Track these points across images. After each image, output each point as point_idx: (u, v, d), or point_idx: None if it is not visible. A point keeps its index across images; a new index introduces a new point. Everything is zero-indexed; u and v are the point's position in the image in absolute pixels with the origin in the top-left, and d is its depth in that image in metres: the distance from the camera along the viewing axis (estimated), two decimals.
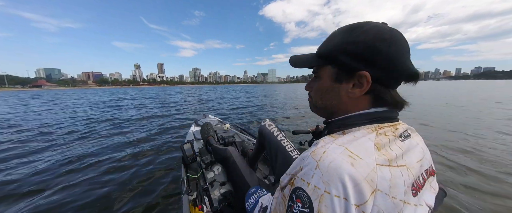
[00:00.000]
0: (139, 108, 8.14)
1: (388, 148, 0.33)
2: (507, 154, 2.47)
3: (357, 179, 0.27)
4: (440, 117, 4.88)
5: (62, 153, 2.70)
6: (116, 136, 3.63)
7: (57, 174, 2.06)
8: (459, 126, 3.93)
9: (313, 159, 0.31)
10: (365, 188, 0.28)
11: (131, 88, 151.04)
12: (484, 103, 7.12)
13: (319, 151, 0.31)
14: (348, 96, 0.38)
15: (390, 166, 0.31)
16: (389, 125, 0.37)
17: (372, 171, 0.29)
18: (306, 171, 0.31)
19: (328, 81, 0.40)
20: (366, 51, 0.34)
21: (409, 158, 0.34)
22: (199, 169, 1.33)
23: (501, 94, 11.62)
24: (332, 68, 0.38)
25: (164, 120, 5.32)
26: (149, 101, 12.13)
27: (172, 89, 48.19)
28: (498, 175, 1.96)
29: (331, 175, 0.28)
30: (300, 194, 0.30)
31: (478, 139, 3.09)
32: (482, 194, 1.66)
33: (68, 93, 31.27)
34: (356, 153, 0.30)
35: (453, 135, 3.34)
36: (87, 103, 10.84)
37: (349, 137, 0.34)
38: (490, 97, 9.54)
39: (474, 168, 2.12)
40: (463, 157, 2.44)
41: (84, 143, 3.21)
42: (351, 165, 0.28)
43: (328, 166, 0.29)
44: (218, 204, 1.05)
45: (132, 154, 2.64)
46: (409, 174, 0.33)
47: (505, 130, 3.59)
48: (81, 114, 6.61)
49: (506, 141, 2.98)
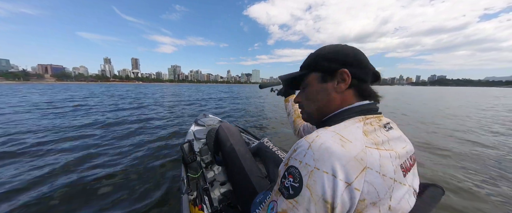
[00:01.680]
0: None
1: (375, 135, 0.36)
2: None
3: (347, 158, 0.30)
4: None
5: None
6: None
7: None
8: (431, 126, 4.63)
9: (306, 141, 0.33)
10: (355, 166, 0.30)
11: (99, 84, 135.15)
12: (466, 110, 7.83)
13: (312, 136, 0.34)
14: (336, 91, 0.44)
15: (379, 149, 0.33)
16: (374, 116, 0.41)
17: (361, 151, 0.31)
18: (299, 152, 0.33)
19: (316, 84, 0.47)
20: (338, 55, 0.44)
21: (394, 144, 0.38)
22: (199, 168, 1.31)
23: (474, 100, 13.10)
24: (316, 73, 0.47)
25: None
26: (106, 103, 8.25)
27: (149, 87, 44.04)
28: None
29: (322, 154, 0.30)
30: (292, 171, 0.33)
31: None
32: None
33: (10, 89, 23.68)
34: (346, 137, 0.33)
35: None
36: (23, 104, 7.30)
37: (340, 126, 0.37)
38: (466, 102, 10.77)
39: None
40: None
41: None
42: (342, 146, 0.31)
43: (319, 146, 0.31)
44: (218, 203, 1.04)
45: (132, 154, 2.55)
46: (396, 156, 0.35)
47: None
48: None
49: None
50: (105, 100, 9.59)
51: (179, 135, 3.55)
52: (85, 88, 32.42)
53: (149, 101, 9.83)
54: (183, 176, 1.23)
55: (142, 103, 8.77)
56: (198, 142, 1.78)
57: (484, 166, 2.36)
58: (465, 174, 2.15)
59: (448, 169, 2.26)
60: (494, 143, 3.26)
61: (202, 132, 2.03)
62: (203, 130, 2.11)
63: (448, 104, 9.89)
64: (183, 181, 1.18)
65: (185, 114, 5.89)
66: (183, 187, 1.10)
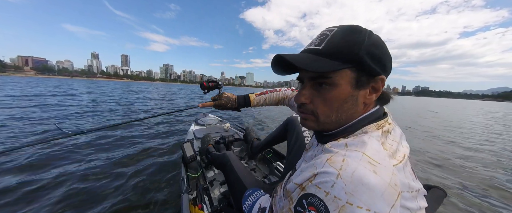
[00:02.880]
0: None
1: (389, 144, 0.34)
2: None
3: (383, 187, 0.27)
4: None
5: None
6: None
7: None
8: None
9: (332, 168, 0.29)
10: (391, 194, 0.27)
11: (84, 80, 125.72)
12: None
13: (337, 159, 0.29)
14: (365, 102, 0.36)
15: (401, 163, 0.32)
16: (384, 121, 0.38)
17: (392, 174, 0.29)
18: (323, 180, 0.28)
19: (348, 89, 0.34)
20: (384, 56, 0.34)
21: (401, 146, 0.36)
22: (199, 168, 1.30)
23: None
24: (352, 72, 0.34)
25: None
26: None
27: (138, 85, 42.51)
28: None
29: (356, 186, 0.26)
30: (315, 202, 0.28)
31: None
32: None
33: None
34: (374, 158, 0.29)
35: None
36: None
37: (358, 140, 0.33)
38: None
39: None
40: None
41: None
42: (374, 173, 0.27)
43: (351, 176, 0.27)
44: (218, 203, 1.03)
45: (131, 153, 2.52)
46: (409, 161, 0.35)
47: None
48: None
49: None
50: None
51: (179, 134, 3.50)
52: (64, 83, 29.32)
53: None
54: (183, 176, 1.21)
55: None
56: (198, 142, 1.77)
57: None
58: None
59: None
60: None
61: (202, 131, 2.01)
62: (203, 130, 2.09)
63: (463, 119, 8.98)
64: (183, 180, 1.16)
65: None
66: (183, 187, 1.08)
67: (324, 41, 0.35)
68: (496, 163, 2.89)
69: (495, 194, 1.99)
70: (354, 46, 0.32)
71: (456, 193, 1.97)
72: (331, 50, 0.34)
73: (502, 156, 3.28)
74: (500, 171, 2.56)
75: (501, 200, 1.88)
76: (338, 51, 0.33)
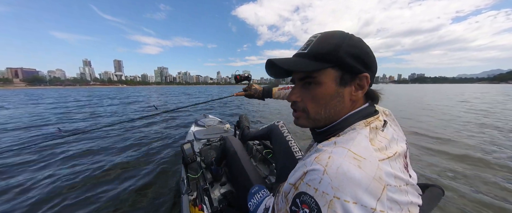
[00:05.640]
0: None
1: (379, 141, 0.35)
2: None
3: (367, 181, 0.28)
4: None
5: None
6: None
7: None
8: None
9: (318, 165, 0.30)
10: (376, 187, 0.28)
11: (76, 89, 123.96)
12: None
13: (324, 157, 0.31)
14: (351, 99, 0.39)
15: (389, 158, 0.32)
16: (374, 118, 0.39)
17: (377, 169, 0.29)
18: (312, 177, 0.30)
19: (333, 86, 0.38)
20: (365, 55, 0.37)
21: (394, 144, 0.37)
22: (199, 169, 1.30)
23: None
24: (335, 71, 0.37)
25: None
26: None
27: (133, 90, 41.13)
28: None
29: (340, 180, 0.28)
30: (306, 200, 0.30)
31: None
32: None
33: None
34: (359, 153, 0.31)
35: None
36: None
37: (347, 138, 0.35)
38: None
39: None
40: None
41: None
42: (359, 167, 0.29)
43: (336, 171, 0.28)
44: (218, 204, 1.04)
45: (131, 153, 2.53)
46: (401, 158, 0.36)
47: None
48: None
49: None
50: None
51: (179, 135, 3.52)
52: (54, 93, 26.70)
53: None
54: (183, 176, 1.22)
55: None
56: (198, 143, 1.78)
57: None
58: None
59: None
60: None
61: (202, 132, 2.02)
62: (203, 131, 2.09)
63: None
64: (183, 181, 1.17)
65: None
66: (183, 187, 1.09)
67: (309, 45, 0.39)
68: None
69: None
70: (334, 48, 0.36)
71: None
72: (315, 53, 0.38)
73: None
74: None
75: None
76: (320, 53, 0.37)
